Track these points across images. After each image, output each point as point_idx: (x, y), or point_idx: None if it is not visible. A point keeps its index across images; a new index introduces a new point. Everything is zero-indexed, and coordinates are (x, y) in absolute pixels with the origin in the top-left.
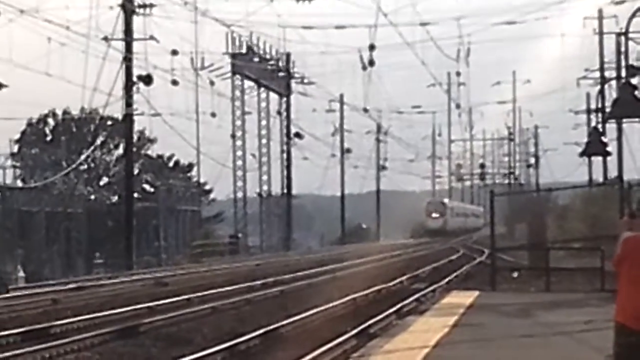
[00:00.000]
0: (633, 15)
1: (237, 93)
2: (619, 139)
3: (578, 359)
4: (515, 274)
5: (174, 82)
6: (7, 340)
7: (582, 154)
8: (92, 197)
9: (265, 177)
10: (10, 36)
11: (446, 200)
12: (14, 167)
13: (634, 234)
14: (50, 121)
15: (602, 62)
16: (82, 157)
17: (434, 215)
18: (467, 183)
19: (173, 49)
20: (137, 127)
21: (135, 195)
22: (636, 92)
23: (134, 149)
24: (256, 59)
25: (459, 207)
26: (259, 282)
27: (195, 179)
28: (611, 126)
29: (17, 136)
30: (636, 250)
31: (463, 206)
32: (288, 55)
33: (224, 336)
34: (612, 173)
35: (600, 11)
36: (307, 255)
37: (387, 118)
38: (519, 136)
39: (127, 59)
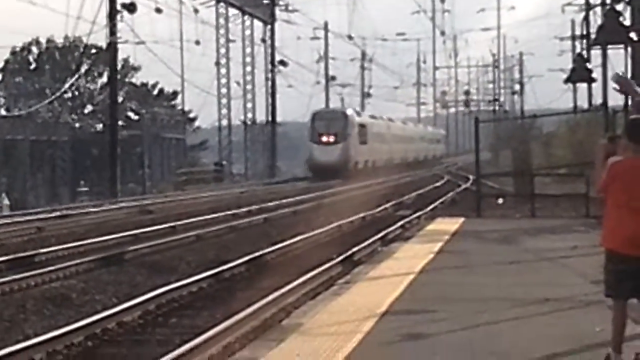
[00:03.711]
0: None
1: (221, 21)
2: (604, 65)
3: (563, 284)
4: (501, 201)
5: (158, 10)
6: None
7: (566, 81)
8: (77, 125)
9: (249, 105)
10: None
11: (350, 112)
12: None
13: (620, 158)
14: (34, 49)
15: None
16: (67, 85)
17: (324, 138)
18: (452, 110)
19: None
20: (121, 55)
21: (120, 123)
22: (620, 19)
23: (118, 77)
24: None
25: (385, 126)
26: (243, 210)
27: (179, 107)
28: (596, 52)
29: (1, 65)
30: (625, 174)
31: (398, 126)
32: None
33: (209, 264)
34: (597, 99)
35: None
36: (292, 182)
37: (371, 45)
38: (504, 63)
39: None
